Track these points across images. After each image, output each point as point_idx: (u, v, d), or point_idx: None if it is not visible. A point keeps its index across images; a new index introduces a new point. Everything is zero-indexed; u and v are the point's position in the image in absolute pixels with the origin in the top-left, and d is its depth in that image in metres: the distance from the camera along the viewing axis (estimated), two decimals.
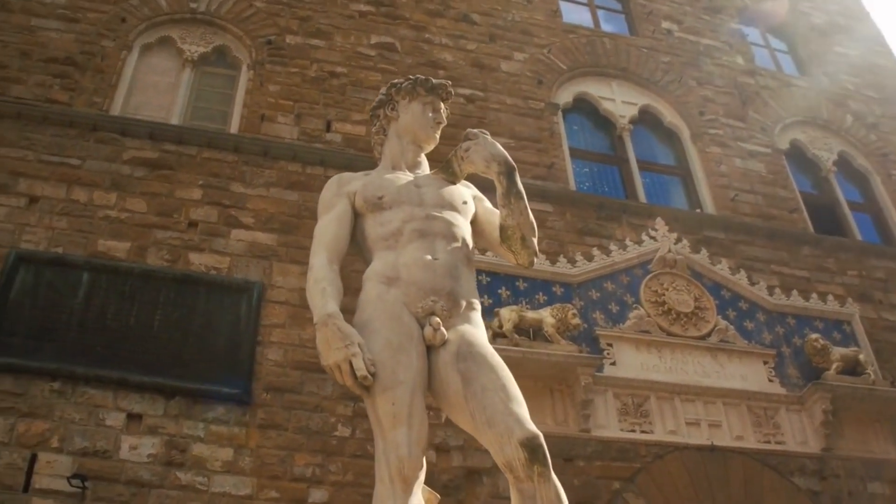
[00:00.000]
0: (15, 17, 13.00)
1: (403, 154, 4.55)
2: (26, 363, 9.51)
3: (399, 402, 3.49)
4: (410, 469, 3.41)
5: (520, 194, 4.10)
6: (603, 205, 12.89)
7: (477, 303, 4.01)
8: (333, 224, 4.15)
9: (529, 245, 4.17)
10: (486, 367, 3.60)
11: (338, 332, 3.52)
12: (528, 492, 3.35)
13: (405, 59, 14.23)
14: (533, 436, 3.34)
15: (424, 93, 4.61)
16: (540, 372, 10.50)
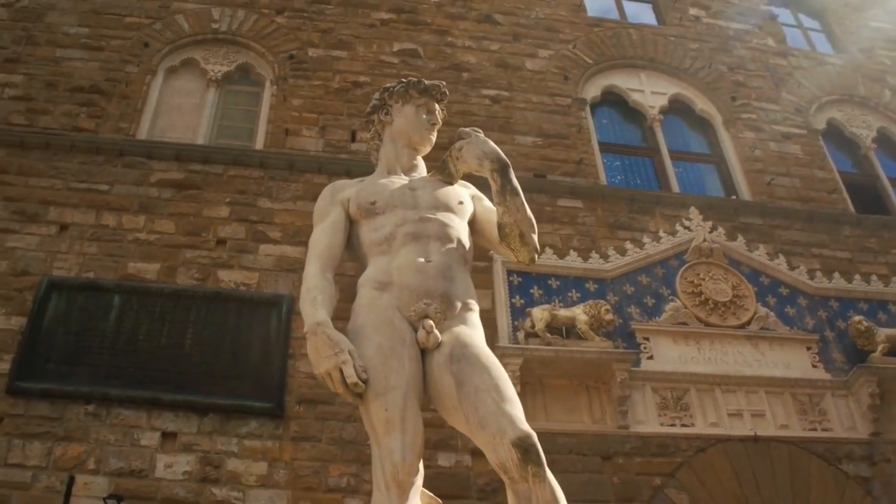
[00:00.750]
0: (40, 50, 13.23)
1: (398, 158, 4.50)
2: (61, 387, 9.64)
3: (392, 407, 3.44)
4: (405, 474, 3.35)
5: (515, 190, 4.01)
6: (634, 198, 12.68)
7: (473, 303, 3.96)
8: (327, 233, 4.12)
9: (529, 241, 4.07)
10: (479, 367, 3.54)
11: (327, 340, 3.49)
12: (523, 493, 3.28)
13: (428, 64, 14.18)
14: (525, 435, 3.27)
15: (417, 95, 4.56)
16: (574, 370, 10.35)
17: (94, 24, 13.78)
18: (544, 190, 12.54)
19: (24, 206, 11.21)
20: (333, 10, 14.84)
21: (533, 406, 10.26)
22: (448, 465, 9.70)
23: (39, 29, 13.53)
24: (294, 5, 14.81)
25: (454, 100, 13.61)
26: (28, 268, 10.63)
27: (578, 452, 9.95)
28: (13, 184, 11.44)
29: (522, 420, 3.36)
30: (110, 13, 13.99)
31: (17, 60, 13.00)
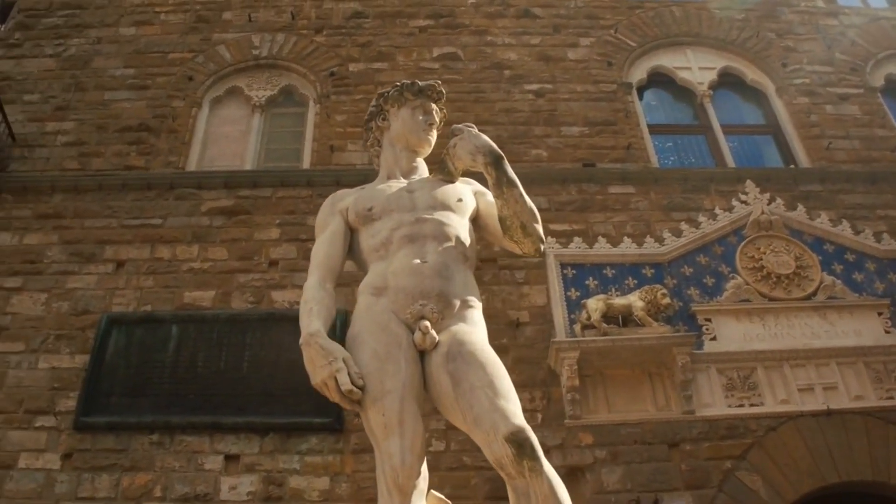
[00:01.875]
0: (89, 95, 13.60)
1: (398, 162, 4.52)
2: (125, 420, 9.86)
3: (388, 411, 3.45)
4: (405, 478, 3.36)
5: (511, 182, 3.98)
6: (687, 177, 12.36)
7: (474, 300, 3.93)
8: (325, 244, 4.17)
9: (531, 232, 4.03)
10: (474, 364, 3.52)
11: (320, 349, 3.51)
12: (521, 489, 3.28)
13: (469, 65, 14.12)
14: (518, 429, 3.24)
15: (412, 97, 4.58)
16: (634, 358, 10.11)
17: (138, 64, 14.12)
18: (594, 179, 12.33)
19: (82, 248, 11.52)
20: (371, 23, 14.89)
21: (594, 398, 10.08)
22: None
23: (87, 75, 13.92)
24: (332, 23, 14.92)
25: (497, 98, 13.54)
26: (88, 306, 10.90)
27: (644, 442, 9.71)
28: (70, 227, 11.77)
29: (516, 415, 3.33)
30: (153, 52, 14.32)
31: (68, 108, 13.40)
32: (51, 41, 14.52)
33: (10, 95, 13.47)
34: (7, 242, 11.62)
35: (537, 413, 9.99)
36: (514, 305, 10.97)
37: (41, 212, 11.96)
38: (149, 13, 15.07)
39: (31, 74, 13.96)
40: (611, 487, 9.39)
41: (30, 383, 10.20)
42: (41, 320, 10.78)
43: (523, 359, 10.45)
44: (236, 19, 15.00)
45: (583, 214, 11.97)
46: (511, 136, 12.97)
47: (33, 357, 10.42)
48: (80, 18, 14.95)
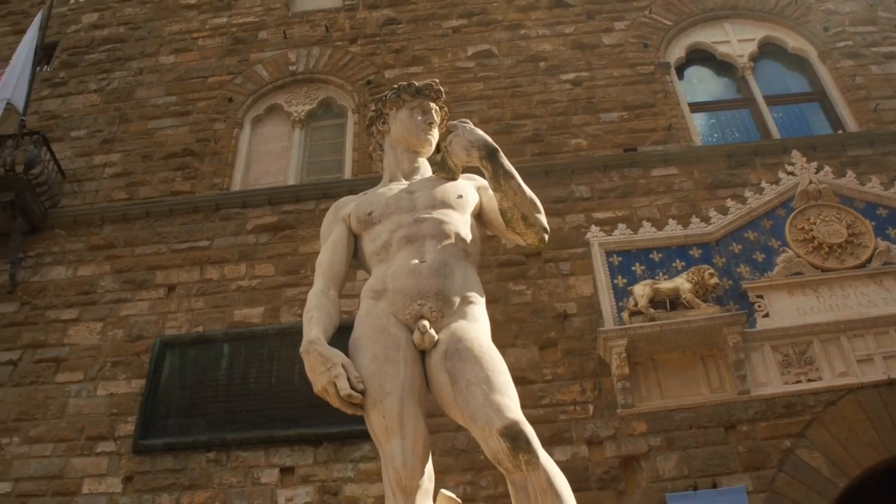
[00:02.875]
0: (133, 126, 13.90)
1: (399, 164, 4.51)
2: (182, 440, 10.04)
3: (389, 413, 3.45)
4: (407, 479, 3.37)
5: (508, 174, 3.93)
6: (731, 153, 12.08)
7: (475, 295, 3.89)
8: (328, 251, 4.19)
9: (533, 222, 3.98)
10: (471, 361, 3.49)
11: (319, 357, 3.52)
12: (519, 483, 3.27)
13: (504, 61, 14.04)
14: (511, 423, 3.21)
15: (410, 98, 4.58)
16: (684, 342, 9.92)
17: (179, 90, 14.38)
18: (636, 163, 12.15)
19: (134, 275, 11.77)
20: (405, 28, 14.92)
21: (646, 385, 9.92)
22: (565, 458, 9.46)
23: (130, 106, 14.24)
24: (366, 32, 14.99)
25: (534, 91, 13.44)
26: (142, 332, 11.13)
27: (699, 426, 9.50)
28: (121, 255, 12.03)
29: (510, 408, 3.29)
30: (193, 77, 14.57)
31: (113, 140, 13.72)
32: (94, 76, 14.89)
33: (57, 133, 13.85)
34: (62, 276, 11.94)
35: (589, 404, 9.86)
36: (560, 297, 10.85)
37: (93, 243, 12.26)
38: (187, 40, 15.35)
39: (77, 111, 14.33)
40: (667, 475, 9.22)
41: (89, 411, 10.46)
42: (98, 349, 11.04)
43: (572, 350, 10.34)
44: (272, 37, 15.18)
45: (626, 200, 11.79)
46: (550, 128, 12.87)
47: (92, 385, 10.69)
48: (122, 51, 15.30)
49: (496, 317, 10.77)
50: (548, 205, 11.61)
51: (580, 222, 11.57)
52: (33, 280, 11.94)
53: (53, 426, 10.35)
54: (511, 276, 11.16)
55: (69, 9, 16.55)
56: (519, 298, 10.93)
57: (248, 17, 15.67)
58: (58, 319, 11.41)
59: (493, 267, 11.26)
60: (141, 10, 16.14)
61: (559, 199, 11.90)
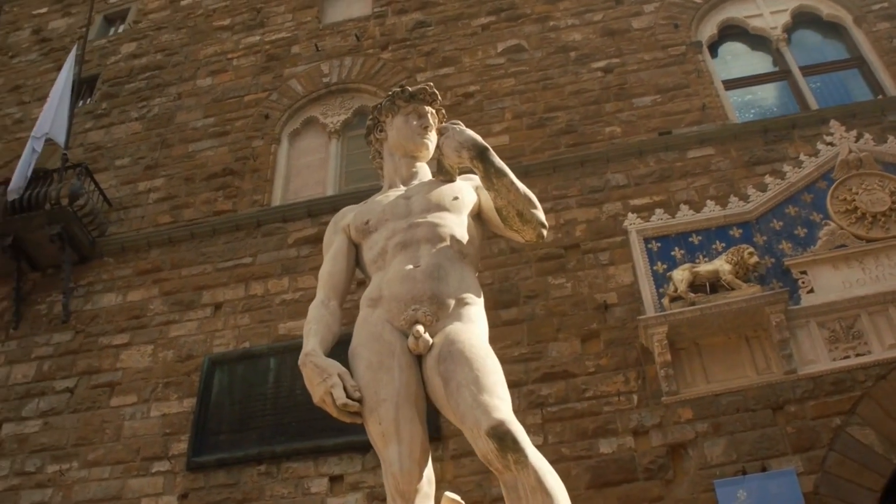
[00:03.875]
0: (175, 150, 14.18)
1: (397, 170, 4.49)
2: (233, 454, 10.22)
3: (385, 419, 3.46)
4: (405, 483, 3.38)
5: (500, 172, 3.90)
6: (767, 128, 11.83)
7: (471, 296, 3.84)
8: (329, 263, 4.21)
9: (530, 218, 3.94)
10: (461, 362, 3.46)
11: (315, 368, 3.54)
12: (509, 482, 3.22)
13: (535, 54, 13.97)
14: (497, 423, 3.17)
15: (404, 104, 4.53)
16: (727, 324, 9.74)
17: (217, 112, 14.63)
18: (671, 146, 11.98)
19: (181, 297, 12.01)
20: (434, 30, 14.95)
21: (691, 371, 9.77)
22: (610, 450, 9.38)
23: (171, 131, 14.53)
24: (396, 37, 15.06)
25: (566, 82, 13.35)
26: (191, 351, 11.35)
27: (746, 409, 9.32)
28: (168, 278, 12.29)
29: (498, 408, 3.26)
30: (230, 98, 14.80)
31: (156, 165, 14.02)
32: (135, 104, 15.23)
33: (102, 164, 14.20)
34: (113, 302, 12.24)
35: (633, 394, 9.75)
36: (600, 288, 10.76)
37: (141, 268, 12.55)
38: (222, 61, 15.60)
39: (120, 140, 14.67)
40: (715, 461, 9.06)
41: (144, 432, 10.70)
42: (149, 371, 11.29)
43: (614, 341, 10.24)
44: (304, 51, 15.34)
45: (663, 184, 11.64)
46: (583, 118, 12.77)
47: (145, 407, 10.93)
48: (160, 78, 15.62)
49: (537, 312, 10.80)
50: (584, 195, 11.64)
51: (617, 210, 11.45)
52: (86, 308, 12.26)
53: (110, 449, 10.62)
54: (550, 270, 11.10)
55: (108, 41, 16.96)
56: (559, 292, 10.86)
57: (281, 33, 15.87)
58: (110, 345, 11.70)
59: (533, 262, 11.22)
60: (177, 36, 16.46)
61: (595, 189, 11.80)
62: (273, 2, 16.66)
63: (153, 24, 17.03)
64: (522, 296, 10.94)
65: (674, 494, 8.96)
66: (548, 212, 11.68)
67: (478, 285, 3.96)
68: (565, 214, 11.65)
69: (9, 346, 12.07)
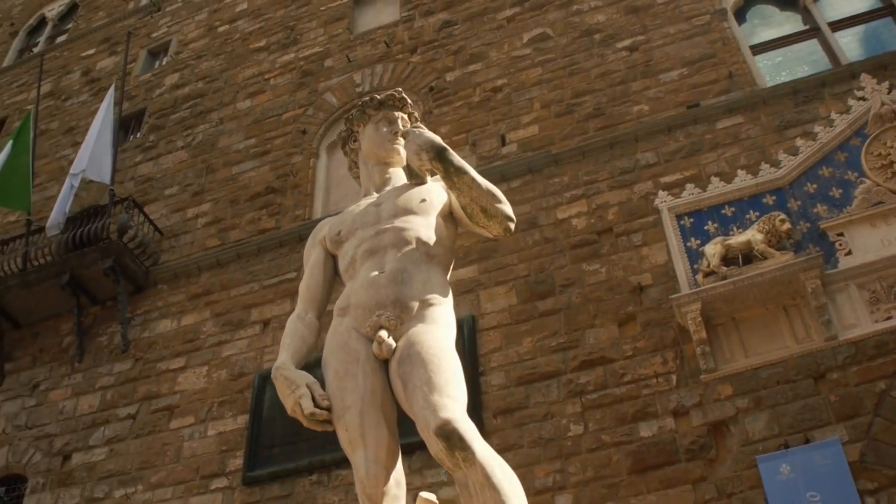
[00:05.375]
0: (219, 174, 14.55)
1: (371, 178, 4.57)
2: (286, 466, 10.46)
3: (351, 426, 3.53)
4: (371, 487, 3.44)
5: (459, 170, 3.95)
6: (796, 89, 11.53)
7: (436, 297, 3.85)
8: (307, 276, 4.31)
9: (494, 213, 3.97)
10: (417, 363, 3.49)
11: (284, 380, 3.65)
12: (461, 480, 3.27)
13: (560, 41, 13.89)
14: (443, 422, 3.18)
15: (374, 112, 4.61)
16: (762, 296, 9.55)
17: (257, 132, 14.95)
18: (699, 119, 11.79)
19: (231, 316, 12.33)
20: (460, 28, 14.99)
21: (729, 346, 9.62)
22: (650, 434, 9.29)
23: (215, 156, 14.91)
24: (424, 39, 15.15)
25: (592, 65, 13.25)
26: (243, 369, 11.64)
27: (787, 380, 9.12)
28: (218, 300, 12.63)
29: (446, 406, 3.27)
30: (269, 117, 15.11)
31: (203, 191, 14.40)
32: (180, 134, 15.67)
33: (153, 195, 14.66)
34: (168, 328, 12.64)
35: (672, 375, 9.64)
36: (635, 270, 10.66)
37: (193, 292, 12.92)
38: (259, 82, 15.92)
39: (168, 169, 15.11)
40: (757, 436, 8.89)
41: (202, 451, 11.03)
42: (205, 391, 11.63)
43: (651, 322, 10.13)
44: (336, 64, 15.55)
45: (693, 158, 11.46)
46: (610, 100, 12.65)
47: (202, 427, 11.27)
48: (203, 105, 16.03)
49: (573, 300, 10.75)
50: (615, 178, 11.56)
51: (648, 190, 11.32)
52: (143, 336, 12.70)
53: (171, 470, 10.98)
54: (584, 256, 11.04)
55: (153, 74, 17.48)
56: (594, 278, 10.79)
57: (314, 49, 16.12)
58: (168, 369, 12.10)
59: (567, 250, 11.18)
60: (216, 62, 16.87)
61: (625, 171, 11.69)
62: (305, 18, 16.93)
63: (193, 53, 17.49)
64: (558, 285, 10.91)
65: (717, 474, 8.83)
66: (579, 198, 11.69)
67: (444, 284, 3.95)
68: (597, 199, 11.57)
69: (75, 378, 12.58)
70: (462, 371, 3.54)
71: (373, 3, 16.96)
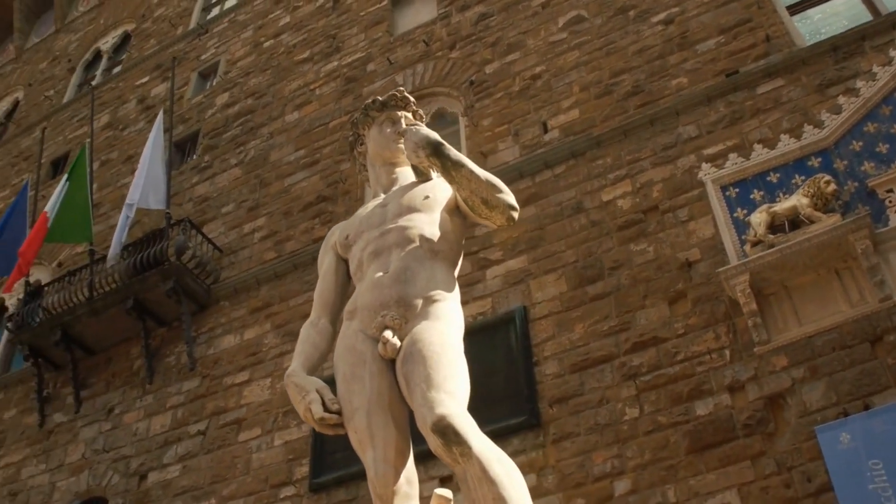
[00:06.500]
0: (272, 187, 14.80)
1: (378, 179, 4.63)
2: (349, 471, 10.56)
3: (359, 428, 3.59)
4: (381, 486, 3.50)
5: (457, 163, 3.99)
6: (836, 45, 11.19)
7: (440, 293, 3.86)
8: (321, 281, 4.39)
9: (496, 204, 3.99)
10: (418, 361, 3.53)
11: (294, 387, 3.72)
12: (461, 475, 3.30)
13: (595, 21, 13.75)
14: (438, 418, 3.22)
15: (377, 113, 4.66)
16: (811, 261, 9.31)
17: (306, 143, 15.16)
18: (739, 86, 11.55)
19: (291, 327, 12.53)
20: (497, 19, 14.96)
21: (781, 316, 9.41)
22: (707, 412, 9.15)
23: (267, 170, 15.16)
24: (462, 34, 15.15)
25: (628, 43, 13.11)
26: None
27: (842, 346, 8.87)
28: (278, 312, 12.85)
29: (442, 402, 3.30)
30: (316, 127, 15.31)
31: (258, 206, 14.67)
32: (233, 151, 15.98)
33: (210, 214, 14.99)
34: (232, 343, 12.92)
35: (725, 350, 9.47)
36: (682, 246, 10.50)
37: (253, 306, 13.17)
38: (306, 93, 16.13)
39: (224, 188, 15.43)
40: (815, 406, 8.67)
41: (270, 461, 11.25)
42: (269, 403, 11.86)
43: (701, 298, 9.98)
44: (378, 67, 15.66)
45: (735, 128, 11.23)
46: (648, 76, 12.48)
47: (269, 438, 11.49)
48: (253, 121, 16.32)
49: (623, 282, 10.64)
50: (657, 155, 11.42)
51: (691, 164, 11.13)
52: (209, 353, 13.00)
53: (242, 482, 11.23)
54: (631, 237, 10.92)
55: (204, 96, 17.85)
56: (642, 258, 10.67)
57: (356, 54, 16.26)
58: (233, 384, 12.37)
59: (613, 232, 11.08)
60: (263, 78, 17.15)
61: (667, 146, 11.52)
62: (345, 25, 17.09)
63: (241, 70, 17.81)
64: (606, 268, 10.81)
65: (776, 448, 8.64)
66: (623, 178, 11.57)
67: (449, 280, 3.93)
68: (640, 178, 11.42)
69: (146, 399, 12.96)
70: (464, 365, 3.55)
71: (411, 2, 17.03)
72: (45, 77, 23.02)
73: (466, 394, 3.49)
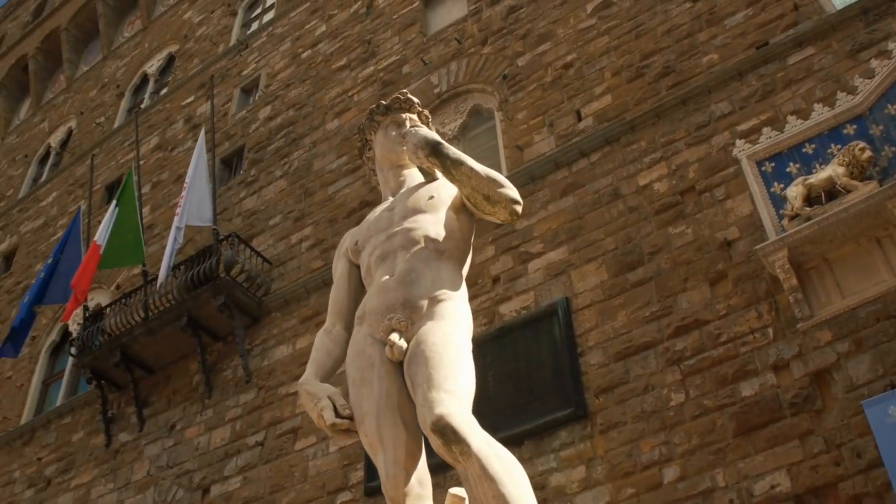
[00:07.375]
0: (317, 196, 14.99)
1: (387, 183, 4.68)
2: None
3: (369, 432, 3.62)
4: (392, 489, 3.51)
5: (456, 162, 4.02)
6: (866, 8, 10.91)
7: (445, 292, 3.84)
8: (334, 289, 4.43)
9: (498, 199, 4.00)
10: (421, 362, 3.53)
11: (307, 395, 3.76)
12: (462, 474, 3.33)
13: (623, 5, 13.63)
14: (437, 418, 3.21)
15: (381, 117, 4.70)
16: (850, 231, 9.12)
17: (347, 149, 15.30)
18: (770, 58, 11.34)
19: None
20: (526, 10, 14.91)
21: (823, 289, 9.24)
22: (752, 392, 9.03)
23: (311, 179, 15.35)
24: (493, 29, 15.14)
25: (657, 23, 12.97)
26: None
27: (887, 317, 8.68)
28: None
29: (441, 402, 3.29)
30: (356, 133, 15.37)
31: (303, 216, 14.86)
32: (278, 163, 16.20)
33: (258, 227, 15.24)
34: (285, 353, 13.13)
35: (768, 328, 9.33)
36: (721, 226, 10.37)
37: (303, 315, 13.36)
38: (344, 100, 16.28)
39: (270, 200, 15.66)
40: (861, 380, 8.50)
41: (326, 468, 11.42)
42: None
43: (742, 277, 9.85)
44: (413, 69, 15.74)
45: (767, 101, 11.04)
46: (679, 56, 12.34)
47: (324, 445, 11.65)
48: (295, 132, 16.52)
49: (663, 266, 10.55)
50: (691, 135, 11.31)
51: (726, 141, 10.98)
52: (263, 365, 13.23)
53: (300, 490, 11.42)
54: (669, 220, 10.82)
55: (248, 111, 18.12)
56: (681, 240, 10.56)
57: (391, 58, 16.35)
58: (288, 394, 12.56)
59: (651, 217, 10.99)
60: (303, 89, 17.35)
61: (701, 125, 11.38)
62: (380, 29, 17.20)
63: (282, 83, 18.04)
64: (646, 253, 10.73)
65: (824, 425, 8.49)
66: (658, 161, 11.46)
67: (455, 279, 3.92)
68: (676, 159, 11.30)
69: (206, 414, 13.24)
70: (468, 363, 3.54)
71: (442, 1, 17.06)
72: (96, 104, 23.61)
73: (469, 391, 3.47)
